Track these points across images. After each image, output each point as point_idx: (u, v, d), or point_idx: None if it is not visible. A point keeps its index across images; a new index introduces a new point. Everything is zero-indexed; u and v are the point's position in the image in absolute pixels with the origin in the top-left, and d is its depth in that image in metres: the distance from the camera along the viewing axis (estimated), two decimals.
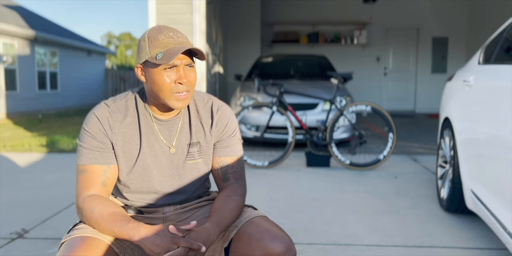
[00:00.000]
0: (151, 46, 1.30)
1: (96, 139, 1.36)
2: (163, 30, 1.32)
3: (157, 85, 1.31)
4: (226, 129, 1.48)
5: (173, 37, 1.30)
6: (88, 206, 1.32)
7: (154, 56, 1.29)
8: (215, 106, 1.48)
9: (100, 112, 1.39)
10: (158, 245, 1.20)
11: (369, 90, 11.74)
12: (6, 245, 2.51)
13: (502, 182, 2.08)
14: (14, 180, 4.12)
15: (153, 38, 1.30)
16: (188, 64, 1.32)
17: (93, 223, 1.30)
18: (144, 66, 1.34)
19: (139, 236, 1.23)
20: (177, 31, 1.35)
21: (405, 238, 2.64)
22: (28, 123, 9.91)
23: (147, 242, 1.21)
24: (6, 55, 11.47)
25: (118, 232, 1.26)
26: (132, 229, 1.24)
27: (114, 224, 1.27)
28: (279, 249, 1.25)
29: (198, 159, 1.46)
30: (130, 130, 1.40)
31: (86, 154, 1.37)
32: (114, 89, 17.80)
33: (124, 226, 1.26)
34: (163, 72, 1.30)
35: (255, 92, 5.98)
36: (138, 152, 1.40)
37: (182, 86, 1.31)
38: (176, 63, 1.30)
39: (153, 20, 5.58)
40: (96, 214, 1.29)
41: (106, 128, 1.37)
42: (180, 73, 1.30)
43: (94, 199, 1.33)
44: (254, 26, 11.24)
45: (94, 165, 1.36)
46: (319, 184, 4.01)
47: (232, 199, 1.43)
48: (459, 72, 3.43)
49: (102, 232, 1.30)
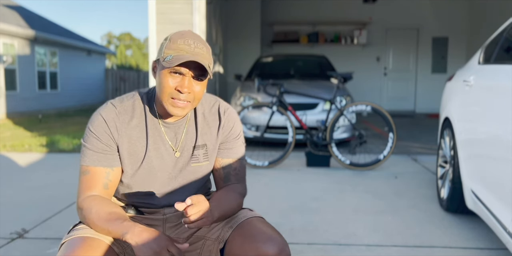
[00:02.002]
0: (167, 47, 1.29)
1: (101, 141, 1.35)
2: (185, 36, 1.30)
3: (160, 86, 1.31)
4: (232, 132, 1.48)
5: (191, 46, 1.28)
6: (87, 206, 1.31)
7: (165, 57, 1.29)
8: (222, 109, 1.48)
9: (107, 113, 1.36)
10: (151, 248, 1.16)
11: (369, 90, 11.74)
12: (6, 245, 2.51)
13: (502, 182, 2.08)
14: (14, 180, 4.12)
15: (173, 40, 1.30)
16: (196, 77, 1.30)
17: (90, 223, 1.29)
18: (158, 64, 1.35)
19: (132, 234, 1.19)
20: (201, 42, 1.31)
21: (405, 238, 2.64)
22: (28, 123, 9.91)
23: (140, 243, 1.17)
24: (6, 55, 11.47)
25: (113, 230, 1.24)
26: (126, 227, 1.22)
27: (109, 222, 1.25)
28: (272, 251, 1.24)
29: (203, 162, 1.45)
30: (136, 132, 1.39)
31: (89, 156, 1.36)
32: (114, 89, 17.79)
33: (119, 224, 1.24)
34: (168, 75, 1.29)
35: (255, 92, 5.98)
36: (144, 154, 1.39)
37: (182, 95, 1.29)
38: (182, 71, 1.28)
39: (153, 20, 5.58)
40: (94, 214, 1.29)
41: (112, 130, 1.36)
42: (184, 82, 1.29)
43: (94, 200, 1.33)
44: (254, 26, 11.24)
45: (97, 167, 1.36)
46: (319, 184, 4.01)
47: (232, 194, 1.43)
48: (459, 72, 3.43)
49: (99, 232, 1.28)
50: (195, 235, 1.45)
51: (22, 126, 9.24)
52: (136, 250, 1.17)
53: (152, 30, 5.59)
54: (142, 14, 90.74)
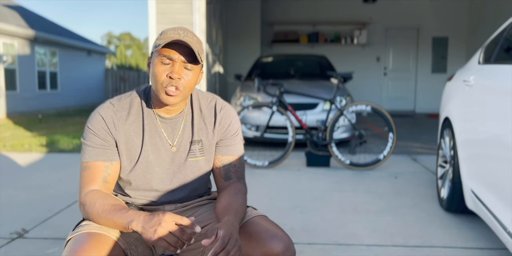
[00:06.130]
0: (159, 39, 1.34)
1: (99, 137, 1.38)
2: (177, 29, 1.35)
3: (153, 76, 1.34)
4: (229, 128, 1.50)
5: (180, 34, 1.32)
6: (90, 201, 1.33)
7: (155, 46, 1.33)
8: (219, 105, 1.50)
9: (105, 111, 1.40)
10: (158, 232, 1.16)
11: (369, 90, 11.74)
12: (6, 245, 2.51)
13: (502, 182, 2.08)
14: (14, 180, 4.12)
15: (164, 32, 1.35)
16: (186, 63, 1.33)
17: (95, 216, 1.30)
18: (151, 58, 1.38)
19: (137, 221, 1.20)
20: (191, 33, 1.35)
21: (405, 238, 2.64)
22: (28, 123, 9.91)
23: (147, 228, 1.18)
24: (6, 55, 11.47)
25: (118, 220, 1.25)
26: (131, 216, 1.23)
27: (114, 213, 1.26)
28: (278, 249, 1.26)
29: (199, 157, 1.47)
30: (133, 128, 1.42)
31: (89, 152, 1.39)
32: (114, 89, 17.79)
33: (124, 214, 1.25)
34: (160, 63, 1.33)
35: (255, 92, 5.98)
36: (141, 148, 1.41)
37: (173, 81, 1.32)
38: (172, 56, 1.31)
39: (153, 20, 5.58)
40: (98, 207, 1.30)
41: (110, 126, 1.39)
42: (174, 67, 1.32)
43: (95, 194, 1.35)
44: (254, 26, 11.24)
45: (96, 162, 1.38)
46: (319, 184, 4.01)
47: (239, 197, 1.44)
48: (459, 72, 3.43)
49: (103, 224, 1.29)
50: (199, 232, 1.45)
51: (22, 126, 9.24)
52: (145, 236, 1.18)
53: (152, 30, 5.59)
54: (142, 14, 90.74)
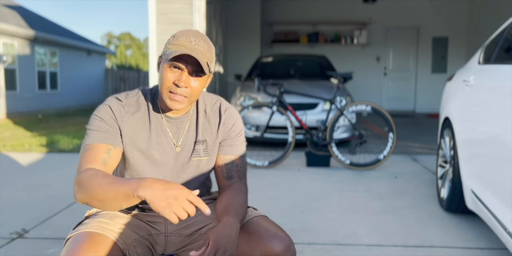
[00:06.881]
0: (170, 43, 1.35)
1: (106, 123, 1.38)
2: (189, 35, 1.35)
3: (160, 79, 1.37)
4: (233, 129, 1.52)
5: (191, 42, 1.33)
6: (89, 176, 1.23)
7: (166, 51, 1.35)
8: (223, 107, 1.53)
9: (113, 103, 1.41)
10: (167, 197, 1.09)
11: (369, 90, 11.74)
12: (6, 245, 2.51)
13: (502, 182, 2.08)
14: (14, 180, 4.12)
15: (177, 37, 1.35)
16: (194, 73, 1.34)
17: (95, 190, 1.19)
18: (161, 59, 1.40)
19: (144, 189, 1.10)
20: (203, 40, 1.36)
21: (405, 238, 2.64)
22: (28, 123, 9.91)
23: (155, 194, 1.09)
24: (6, 55, 11.47)
25: (121, 190, 1.14)
26: (135, 183, 1.13)
27: (116, 184, 1.16)
28: (279, 249, 1.26)
29: (203, 157, 1.48)
30: (140, 124, 1.43)
31: (93, 135, 1.36)
32: (114, 89, 17.80)
33: (127, 182, 1.15)
34: (168, 69, 1.34)
35: (255, 92, 5.98)
36: (147, 146, 1.42)
37: (179, 89, 1.33)
38: (179, 66, 1.33)
39: (153, 20, 5.58)
40: (98, 180, 1.20)
41: (117, 115, 1.39)
42: (181, 76, 1.33)
43: (94, 170, 1.26)
44: (254, 26, 11.24)
45: (99, 144, 1.35)
46: (319, 184, 4.01)
47: (240, 197, 1.44)
48: (459, 72, 3.43)
49: (103, 197, 1.18)
50: (199, 232, 1.46)
51: (22, 126, 9.24)
52: (154, 205, 1.08)
53: (152, 30, 5.59)
54: (142, 14, 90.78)
